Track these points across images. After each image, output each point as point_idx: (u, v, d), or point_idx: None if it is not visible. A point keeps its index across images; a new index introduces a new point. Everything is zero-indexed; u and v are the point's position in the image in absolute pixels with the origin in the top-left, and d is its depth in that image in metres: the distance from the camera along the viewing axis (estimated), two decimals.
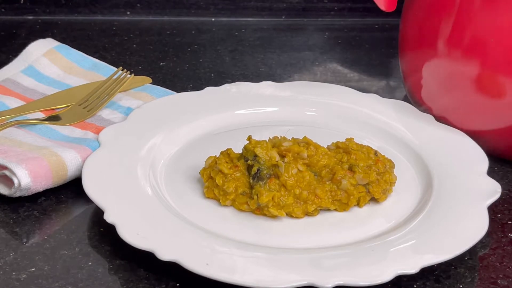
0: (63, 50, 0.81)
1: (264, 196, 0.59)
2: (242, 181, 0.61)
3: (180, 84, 0.83)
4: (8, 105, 0.72)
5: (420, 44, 0.72)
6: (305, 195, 0.60)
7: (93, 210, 0.62)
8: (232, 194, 0.61)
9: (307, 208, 0.60)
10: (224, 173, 0.61)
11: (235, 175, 0.61)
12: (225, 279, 0.53)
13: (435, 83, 0.71)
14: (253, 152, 0.61)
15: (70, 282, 0.54)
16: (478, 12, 0.66)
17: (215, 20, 0.99)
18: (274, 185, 0.60)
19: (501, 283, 0.56)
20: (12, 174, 0.61)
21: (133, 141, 0.67)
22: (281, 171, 0.60)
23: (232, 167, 0.62)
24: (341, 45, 0.94)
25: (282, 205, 0.60)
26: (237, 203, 0.61)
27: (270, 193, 0.59)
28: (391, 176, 0.63)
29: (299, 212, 0.60)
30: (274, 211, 0.60)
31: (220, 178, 0.61)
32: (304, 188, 0.60)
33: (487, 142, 0.69)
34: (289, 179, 0.60)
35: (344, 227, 0.60)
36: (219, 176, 0.61)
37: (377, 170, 0.62)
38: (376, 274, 0.53)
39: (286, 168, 0.60)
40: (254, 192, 0.60)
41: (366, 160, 0.62)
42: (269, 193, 0.59)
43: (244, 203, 0.61)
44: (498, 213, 0.64)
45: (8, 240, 0.59)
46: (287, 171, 0.60)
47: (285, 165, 0.60)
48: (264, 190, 0.59)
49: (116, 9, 0.97)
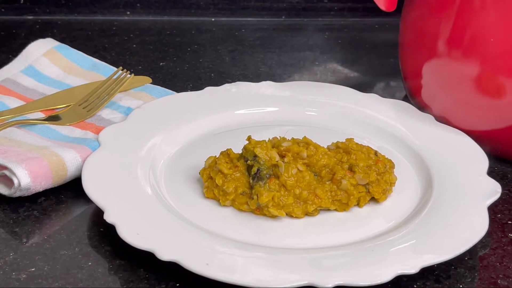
0: (63, 50, 0.81)
1: (264, 196, 0.59)
2: (242, 181, 0.61)
3: (180, 84, 0.83)
4: (8, 105, 0.72)
5: (420, 44, 0.72)
6: (305, 195, 0.60)
7: (93, 210, 0.62)
8: (232, 194, 0.61)
9: (307, 208, 0.60)
10: (224, 173, 0.61)
11: (235, 175, 0.61)
12: (225, 279, 0.53)
13: (435, 83, 0.71)
14: (253, 152, 0.61)
15: (70, 282, 0.54)
16: (478, 12, 0.66)
17: (215, 20, 0.99)
18: (274, 185, 0.60)
19: (501, 283, 0.56)
20: (12, 174, 0.61)
21: (133, 141, 0.67)
22: (281, 171, 0.60)
23: (232, 167, 0.62)
24: (341, 45, 0.94)
25: (282, 205, 0.60)
26: (237, 203, 0.61)
27: (270, 193, 0.59)
28: (391, 176, 0.63)
29: (299, 212, 0.60)
30: (274, 211, 0.60)
31: (220, 178, 0.61)
32: (304, 188, 0.60)
33: (487, 142, 0.69)
34: (289, 179, 0.60)
35: (344, 227, 0.60)
36: (219, 176, 0.61)
37: (377, 170, 0.62)
38: (376, 274, 0.53)
39: (286, 168, 0.60)
40: (254, 192, 0.60)
41: (366, 160, 0.62)
42: (269, 193, 0.59)
43: (244, 203, 0.61)
44: (498, 213, 0.64)
45: (8, 240, 0.59)
46: (287, 171, 0.60)
47: (285, 165, 0.60)
48: (264, 190, 0.59)
49: (116, 9, 0.97)
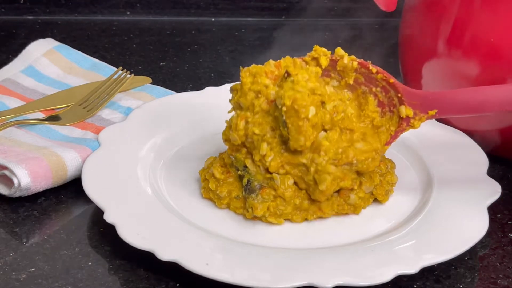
0: (63, 50, 0.81)
1: (258, 210, 0.58)
2: (236, 185, 0.61)
3: (180, 84, 0.83)
4: (8, 105, 0.72)
5: (420, 44, 0.72)
6: (306, 205, 0.60)
7: (93, 210, 0.62)
8: (226, 198, 0.60)
9: (307, 217, 0.60)
10: (216, 178, 0.61)
11: (228, 180, 0.61)
12: (225, 279, 0.52)
13: (435, 83, 0.71)
14: (243, 162, 0.60)
15: (70, 282, 0.54)
16: (478, 12, 0.66)
17: (215, 20, 0.99)
18: (267, 194, 0.59)
19: (501, 283, 0.56)
20: (12, 174, 0.61)
21: (133, 141, 0.67)
22: (277, 183, 0.59)
23: (225, 172, 0.61)
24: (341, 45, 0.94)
25: (280, 213, 0.59)
26: (232, 207, 0.61)
27: (265, 204, 0.59)
28: (393, 177, 0.63)
29: (298, 219, 0.60)
30: (272, 220, 0.59)
31: (213, 183, 0.61)
32: (304, 198, 0.60)
33: (487, 142, 0.69)
34: (286, 190, 0.59)
35: (344, 227, 0.60)
36: (212, 180, 0.61)
37: (380, 171, 0.62)
38: (376, 274, 0.53)
39: (282, 180, 0.59)
40: (248, 205, 0.59)
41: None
42: (263, 204, 0.59)
43: (240, 208, 0.60)
44: (498, 213, 0.64)
45: (8, 240, 0.59)
46: (283, 183, 0.59)
47: (280, 177, 0.59)
48: (258, 203, 0.59)
49: (116, 9, 0.97)
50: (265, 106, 0.59)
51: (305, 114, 0.57)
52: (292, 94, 0.57)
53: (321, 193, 0.58)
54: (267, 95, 0.59)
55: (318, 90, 0.58)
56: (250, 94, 0.59)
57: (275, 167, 0.59)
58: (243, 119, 0.59)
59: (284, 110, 0.57)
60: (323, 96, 0.58)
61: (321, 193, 0.58)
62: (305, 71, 0.59)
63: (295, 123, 0.57)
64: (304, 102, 0.57)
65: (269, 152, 0.58)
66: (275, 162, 0.58)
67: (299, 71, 0.59)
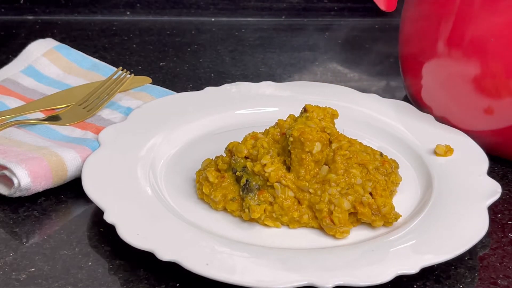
0: (63, 50, 0.81)
1: (255, 212, 0.58)
2: (231, 189, 0.61)
3: (180, 84, 0.83)
4: (8, 105, 0.72)
5: (420, 44, 0.72)
6: (306, 219, 0.59)
7: (93, 210, 0.62)
8: (221, 202, 0.60)
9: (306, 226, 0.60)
10: (210, 182, 0.61)
11: (222, 185, 0.61)
12: (225, 279, 0.53)
13: (435, 83, 0.71)
14: (243, 164, 0.60)
15: (70, 282, 0.54)
16: (478, 12, 0.66)
17: (215, 20, 0.99)
18: (264, 197, 0.59)
19: (501, 283, 0.56)
20: (12, 174, 0.61)
21: (133, 141, 0.67)
22: (277, 193, 0.59)
23: (219, 177, 0.61)
24: (341, 45, 0.94)
25: (276, 217, 0.59)
26: (228, 210, 0.60)
27: (261, 207, 0.59)
28: (397, 177, 0.63)
29: (295, 226, 0.60)
30: (269, 223, 0.59)
31: (207, 187, 0.61)
32: (306, 212, 0.59)
33: (487, 142, 0.69)
34: (286, 200, 0.59)
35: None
36: (206, 184, 0.61)
37: (385, 171, 0.62)
38: (376, 274, 0.53)
39: (283, 190, 0.59)
40: (245, 205, 0.59)
41: (372, 161, 0.62)
42: (260, 207, 0.59)
43: (236, 210, 0.60)
44: (498, 213, 0.64)
45: (8, 240, 0.59)
46: (284, 193, 0.59)
47: (281, 187, 0.59)
48: (255, 206, 0.58)
49: (116, 9, 0.97)
50: (277, 136, 0.62)
51: (309, 148, 0.59)
52: (302, 128, 0.59)
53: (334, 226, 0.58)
54: (281, 127, 0.62)
55: (329, 129, 0.60)
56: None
57: (274, 178, 0.59)
58: (254, 138, 0.62)
59: (290, 140, 0.59)
60: (332, 136, 0.60)
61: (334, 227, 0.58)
62: (322, 111, 0.62)
63: (298, 155, 0.59)
64: (311, 136, 0.59)
65: (270, 165, 0.59)
66: (275, 173, 0.59)
67: (316, 109, 0.62)
